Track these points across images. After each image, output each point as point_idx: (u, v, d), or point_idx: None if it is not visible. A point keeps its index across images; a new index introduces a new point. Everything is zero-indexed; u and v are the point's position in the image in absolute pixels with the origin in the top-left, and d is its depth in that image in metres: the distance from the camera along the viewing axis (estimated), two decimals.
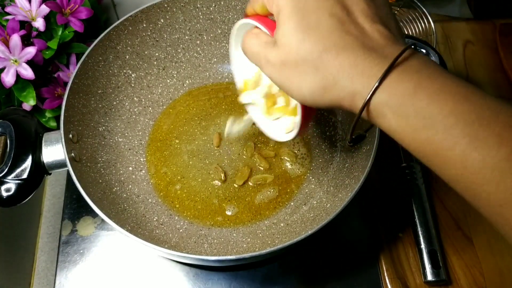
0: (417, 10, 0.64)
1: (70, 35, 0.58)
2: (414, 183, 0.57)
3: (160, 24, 0.58)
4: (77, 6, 0.57)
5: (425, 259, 0.53)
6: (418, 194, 0.57)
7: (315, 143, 0.58)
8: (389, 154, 0.62)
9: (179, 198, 0.54)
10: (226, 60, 0.62)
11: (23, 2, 0.55)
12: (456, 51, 0.71)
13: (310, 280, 0.54)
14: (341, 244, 0.56)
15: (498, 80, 0.69)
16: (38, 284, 0.67)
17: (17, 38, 0.52)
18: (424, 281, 0.53)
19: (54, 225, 0.70)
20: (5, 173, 0.44)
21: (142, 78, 0.59)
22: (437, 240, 0.54)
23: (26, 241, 0.68)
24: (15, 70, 0.53)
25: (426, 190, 0.58)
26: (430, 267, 0.52)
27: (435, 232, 0.55)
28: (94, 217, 0.58)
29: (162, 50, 0.59)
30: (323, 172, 0.55)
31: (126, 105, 0.58)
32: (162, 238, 0.50)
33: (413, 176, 0.58)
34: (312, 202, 0.53)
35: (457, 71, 0.69)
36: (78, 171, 0.46)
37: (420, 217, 0.55)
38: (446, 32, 0.73)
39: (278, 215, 0.53)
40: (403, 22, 0.66)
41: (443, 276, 0.52)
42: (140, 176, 0.55)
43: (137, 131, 0.58)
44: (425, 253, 0.53)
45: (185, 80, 0.62)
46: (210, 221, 0.53)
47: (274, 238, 0.50)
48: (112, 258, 0.55)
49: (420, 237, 0.54)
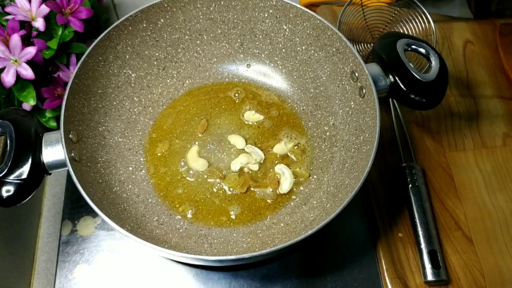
0: (417, 10, 0.64)
1: (70, 35, 0.58)
2: (414, 183, 0.57)
3: (160, 24, 0.58)
4: (77, 6, 0.57)
5: (425, 259, 0.53)
6: (418, 194, 0.57)
7: (315, 143, 0.58)
8: (389, 154, 0.62)
9: (179, 198, 0.54)
10: (226, 60, 0.62)
11: (23, 2, 0.55)
12: (456, 51, 0.71)
13: (310, 280, 0.54)
14: (341, 244, 0.56)
15: (498, 80, 0.69)
16: (38, 284, 0.67)
17: (17, 38, 0.52)
18: (424, 281, 0.53)
19: (54, 225, 0.71)
20: (5, 173, 0.44)
21: (142, 78, 0.59)
22: (437, 240, 0.54)
23: (26, 241, 0.68)
24: (15, 70, 0.53)
25: (426, 190, 0.58)
26: (430, 267, 0.52)
27: (435, 232, 0.55)
28: (94, 217, 0.58)
29: (162, 50, 0.59)
30: (323, 172, 0.55)
31: (126, 105, 0.58)
32: (162, 238, 0.50)
33: (413, 176, 0.58)
34: (312, 202, 0.53)
35: (457, 71, 0.69)
36: (78, 171, 0.46)
37: (420, 217, 0.55)
38: (446, 32, 0.73)
39: (278, 215, 0.53)
40: (403, 22, 0.66)
41: (443, 276, 0.52)
42: (140, 176, 0.55)
43: (137, 131, 0.58)
44: (425, 253, 0.53)
45: (185, 80, 0.62)
46: (210, 221, 0.53)
47: (274, 238, 0.50)
48: (112, 258, 0.55)
49: (420, 237, 0.54)
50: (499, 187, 0.60)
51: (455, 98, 0.67)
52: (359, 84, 0.52)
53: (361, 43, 0.66)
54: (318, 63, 0.58)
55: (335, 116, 0.57)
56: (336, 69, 0.55)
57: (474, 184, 0.60)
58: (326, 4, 0.76)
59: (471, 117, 0.65)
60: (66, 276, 0.54)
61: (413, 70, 0.50)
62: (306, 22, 0.56)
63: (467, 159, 0.62)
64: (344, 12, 0.64)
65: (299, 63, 0.60)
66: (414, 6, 0.64)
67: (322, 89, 0.58)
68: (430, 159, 0.61)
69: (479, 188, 0.59)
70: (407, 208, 0.57)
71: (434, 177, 0.60)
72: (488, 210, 0.58)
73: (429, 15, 0.63)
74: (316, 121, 0.59)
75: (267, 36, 0.60)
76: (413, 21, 0.65)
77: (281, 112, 0.60)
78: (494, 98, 0.67)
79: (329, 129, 0.57)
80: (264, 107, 0.60)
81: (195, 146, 0.57)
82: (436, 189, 0.59)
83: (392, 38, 0.52)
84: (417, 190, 0.57)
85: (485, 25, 0.74)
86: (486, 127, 0.65)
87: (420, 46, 0.52)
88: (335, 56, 0.55)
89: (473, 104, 0.67)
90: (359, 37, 0.66)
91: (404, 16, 0.66)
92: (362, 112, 0.52)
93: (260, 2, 0.57)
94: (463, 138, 0.63)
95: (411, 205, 0.56)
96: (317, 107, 0.59)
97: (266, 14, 0.58)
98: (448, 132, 0.64)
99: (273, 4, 0.57)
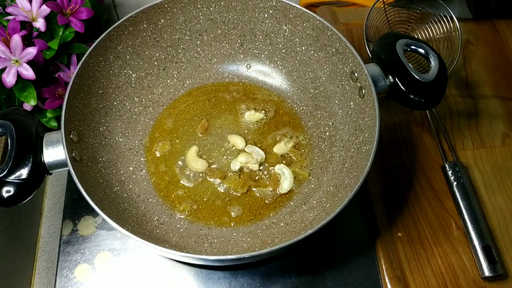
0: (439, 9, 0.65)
1: (70, 35, 0.58)
2: (459, 180, 0.58)
3: (160, 24, 0.58)
4: (78, 7, 0.58)
5: (480, 255, 0.53)
6: (464, 192, 0.57)
7: (315, 143, 0.58)
8: (389, 154, 0.62)
9: (179, 198, 0.54)
10: (226, 60, 0.62)
11: (24, 2, 0.55)
12: (456, 51, 0.71)
13: (310, 279, 0.54)
14: (341, 244, 0.56)
15: (497, 80, 0.69)
16: (38, 283, 0.67)
17: (18, 38, 0.52)
18: (482, 277, 0.53)
19: (55, 225, 0.71)
20: (6, 173, 0.44)
21: (142, 78, 0.59)
22: (489, 235, 0.55)
23: (27, 241, 0.68)
24: (16, 70, 0.53)
25: (471, 187, 0.58)
26: (486, 263, 0.53)
27: (486, 228, 0.55)
28: (94, 216, 0.58)
29: (163, 51, 0.60)
30: (323, 172, 0.55)
31: (127, 105, 0.58)
32: (162, 237, 0.50)
33: (457, 174, 0.58)
34: (312, 202, 0.53)
35: (456, 71, 0.69)
36: (79, 171, 0.46)
37: (470, 214, 0.55)
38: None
39: (278, 215, 0.53)
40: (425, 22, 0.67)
41: (500, 270, 0.52)
42: (140, 176, 0.56)
43: (137, 131, 0.58)
44: (479, 249, 0.53)
45: (185, 80, 0.62)
46: (211, 221, 0.53)
47: (274, 237, 0.50)
48: (112, 257, 0.56)
49: (472, 234, 0.54)
50: (499, 187, 0.60)
51: (455, 98, 0.67)
52: (359, 84, 0.52)
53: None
54: (317, 63, 0.58)
55: (335, 116, 0.57)
56: (336, 69, 0.56)
57: (474, 184, 0.60)
58: (326, 4, 0.77)
59: (470, 117, 0.66)
60: (67, 276, 0.54)
61: (412, 70, 0.50)
62: (306, 23, 0.56)
63: (466, 159, 0.62)
64: (369, 15, 0.65)
65: (298, 63, 0.60)
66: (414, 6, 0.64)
67: (322, 89, 0.58)
68: (430, 159, 0.62)
69: (478, 188, 0.60)
70: (455, 206, 0.57)
71: (434, 177, 0.60)
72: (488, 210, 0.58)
73: (453, 14, 0.64)
74: (315, 121, 0.59)
75: (267, 36, 0.60)
76: (433, 21, 0.67)
77: (281, 112, 0.60)
78: (493, 98, 0.67)
79: (328, 129, 0.57)
80: (264, 107, 0.60)
81: (194, 146, 0.57)
82: (436, 189, 0.59)
83: (392, 39, 0.52)
84: (463, 187, 0.57)
85: (484, 25, 0.74)
86: (485, 127, 0.65)
87: (419, 46, 0.52)
88: (334, 56, 0.55)
89: (472, 104, 0.67)
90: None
91: (425, 16, 0.67)
92: (362, 112, 0.52)
93: (260, 3, 0.57)
94: (462, 138, 0.64)
95: (458, 203, 0.57)
96: (317, 107, 0.59)
97: (266, 14, 0.58)
98: (448, 132, 0.64)
99: (273, 5, 0.57)
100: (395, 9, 0.68)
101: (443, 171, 0.60)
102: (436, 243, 0.56)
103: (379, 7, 0.66)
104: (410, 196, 0.59)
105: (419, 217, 0.57)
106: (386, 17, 0.67)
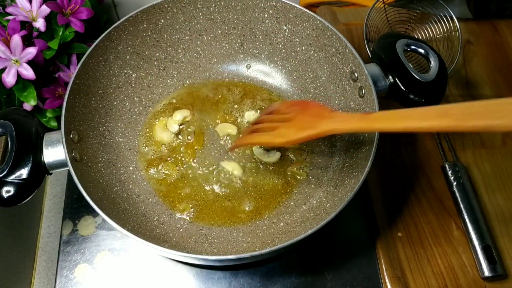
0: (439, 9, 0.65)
1: (70, 35, 0.58)
2: (459, 181, 0.58)
3: (160, 24, 0.58)
4: (78, 7, 0.58)
5: (480, 255, 0.53)
6: (464, 192, 0.57)
7: (315, 143, 0.58)
8: (389, 154, 0.62)
9: (179, 198, 0.54)
10: (226, 60, 0.62)
11: (24, 2, 0.55)
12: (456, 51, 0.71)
13: (310, 279, 0.54)
14: (341, 244, 0.56)
15: (497, 80, 0.69)
16: (38, 284, 0.67)
17: (18, 38, 0.52)
18: (482, 277, 0.53)
19: (55, 225, 0.71)
20: (5, 173, 0.44)
21: (142, 78, 0.59)
22: (489, 235, 0.55)
23: (27, 241, 0.68)
24: (16, 70, 0.53)
25: (471, 187, 0.58)
26: (486, 263, 0.53)
27: (486, 228, 0.55)
28: (94, 216, 0.58)
29: (163, 51, 0.60)
30: (323, 172, 0.55)
31: (127, 105, 0.58)
32: (162, 237, 0.50)
33: (457, 174, 0.58)
34: (312, 202, 0.53)
35: (456, 71, 0.69)
36: (79, 171, 0.46)
37: (469, 214, 0.55)
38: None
39: (278, 215, 0.53)
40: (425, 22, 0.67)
41: (500, 270, 0.52)
42: (140, 176, 0.56)
43: (137, 131, 0.58)
44: (479, 249, 0.54)
45: (186, 80, 0.62)
46: (211, 221, 0.53)
47: (274, 237, 0.50)
48: (112, 257, 0.56)
49: (472, 234, 0.54)
50: (499, 187, 0.60)
51: (455, 98, 0.67)
52: (359, 84, 0.52)
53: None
54: (317, 63, 0.58)
55: None
56: (336, 69, 0.56)
57: (474, 184, 0.60)
58: (326, 4, 0.77)
59: None
60: (67, 276, 0.54)
61: (412, 70, 0.50)
62: (306, 23, 0.56)
63: (466, 159, 0.62)
64: (369, 15, 0.65)
65: (299, 63, 0.60)
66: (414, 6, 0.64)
67: (322, 89, 0.58)
68: (430, 159, 0.62)
69: (478, 188, 0.60)
70: (455, 206, 0.57)
71: (434, 177, 0.60)
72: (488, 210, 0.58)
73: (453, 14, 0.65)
74: None
75: (267, 36, 0.60)
76: (433, 21, 0.67)
77: None
78: (493, 98, 0.67)
79: None
80: (264, 107, 0.60)
81: (163, 118, 0.58)
82: (436, 189, 0.59)
83: (392, 39, 0.52)
84: (463, 187, 0.57)
85: (484, 25, 0.74)
86: None
87: (419, 46, 0.52)
88: (334, 56, 0.55)
89: None
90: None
91: (425, 16, 0.67)
92: (362, 112, 0.52)
93: (260, 3, 0.57)
94: (462, 138, 0.63)
95: (458, 203, 0.57)
96: None
97: (266, 14, 0.58)
98: (447, 132, 0.64)
99: (273, 5, 0.57)
100: (395, 9, 0.68)
101: (443, 171, 0.60)
102: (436, 243, 0.56)
103: (379, 7, 0.66)
104: (410, 196, 0.59)
105: (419, 217, 0.57)
106: (386, 17, 0.67)
